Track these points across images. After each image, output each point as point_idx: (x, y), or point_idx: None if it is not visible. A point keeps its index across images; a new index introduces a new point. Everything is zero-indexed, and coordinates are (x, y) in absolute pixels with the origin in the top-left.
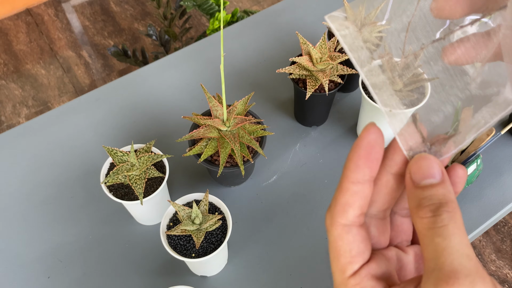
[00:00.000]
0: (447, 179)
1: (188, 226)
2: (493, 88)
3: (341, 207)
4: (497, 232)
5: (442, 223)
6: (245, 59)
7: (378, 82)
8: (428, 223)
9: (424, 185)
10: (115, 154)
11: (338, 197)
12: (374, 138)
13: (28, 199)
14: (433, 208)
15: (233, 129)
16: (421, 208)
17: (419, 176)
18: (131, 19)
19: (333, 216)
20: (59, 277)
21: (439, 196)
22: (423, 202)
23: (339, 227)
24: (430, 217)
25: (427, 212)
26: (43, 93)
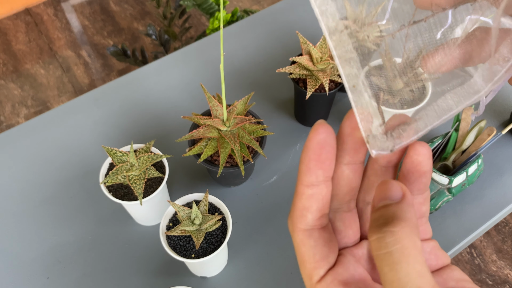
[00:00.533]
0: (407, 199)
1: (187, 227)
2: (461, 76)
3: (299, 212)
4: (498, 232)
5: (386, 248)
6: (245, 58)
7: (346, 54)
8: (374, 248)
9: (378, 207)
10: (115, 154)
11: (295, 201)
12: (324, 138)
13: (27, 199)
14: (377, 228)
15: (233, 129)
16: (369, 230)
17: (377, 199)
18: (131, 18)
19: (293, 221)
20: (58, 278)
21: (387, 214)
22: (372, 223)
23: (300, 233)
24: (375, 240)
25: (372, 234)
26: (43, 93)
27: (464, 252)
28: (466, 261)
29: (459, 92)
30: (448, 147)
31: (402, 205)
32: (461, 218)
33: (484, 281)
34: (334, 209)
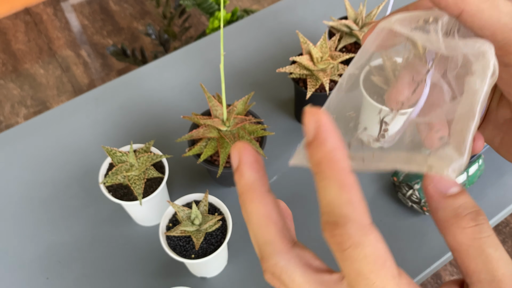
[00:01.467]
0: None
1: (187, 227)
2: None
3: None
4: (498, 232)
5: (487, 232)
6: (245, 58)
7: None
8: (474, 233)
9: (453, 194)
10: (114, 154)
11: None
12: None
13: (26, 199)
14: (473, 217)
15: (233, 129)
16: (461, 218)
17: (443, 186)
18: (130, 18)
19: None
20: (57, 278)
21: (471, 203)
22: (460, 211)
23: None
24: (474, 226)
25: (470, 221)
26: (42, 93)
27: None
28: None
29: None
30: None
31: (467, 194)
32: None
33: None
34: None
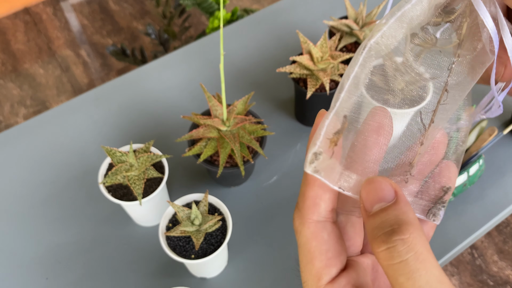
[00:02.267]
0: (401, 197)
1: (187, 227)
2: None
3: (311, 200)
4: (499, 233)
5: (399, 257)
6: (245, 58)
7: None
8: (385, 258)
9: (375, 212)
10: (114, 154)
11: (305, 191)
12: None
13: (25, 200)
14: (385, 238)
15: (233, 129)
16: (374, 240)
17: (368, 203)
18: (130, 18)
19: (303, 213)
20: (57, 278)
21: (391, 221)
22: (375, 232)
23: (312, 225)
24: (385, 250)
25: (380, 244)
26: (41, 93)
27: (465, 253)
28: (467, 262)
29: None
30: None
31: (400, 206)
32: (462, 219)
33: (485, 282)
34: (347, 211)
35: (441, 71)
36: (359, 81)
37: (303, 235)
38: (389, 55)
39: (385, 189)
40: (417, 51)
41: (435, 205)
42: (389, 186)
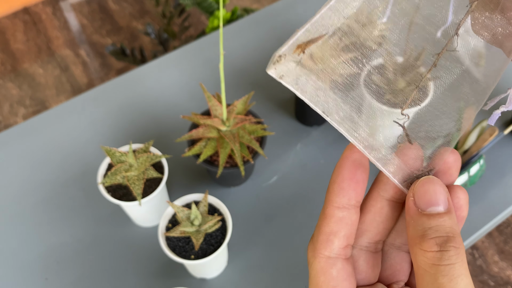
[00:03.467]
0: (453, 209)
1: (187, 228)
2: (466, 78)
3: (325, 236)
4: (500, 233)
5: (449, 260)
6: (245, 57)
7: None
8: (433, 259)
9: (430, 213)
10: (113, 154)
11: (322, 225)
12: (359, 158)
13: (24, 200)
14: (440, 242)
15: (233, 128)
16: (426, 240)
17: (424, 202)
18: (130, 17)
19: (316, 246)
20: (56, 279)
21: (446, 228)
22: (428, 233)
23: (323, 260)
24: (436, 252)
25: (433, 246)
26: (41, 93)
27: (466, 253)
28: (468, 262)
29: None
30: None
31: (453, 216)
32: None
33: (486, 282)
34: (360, 247)
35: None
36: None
37: (313, 268)
38: (390, 55)
39: (442, 194)
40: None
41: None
42: (445, 193)
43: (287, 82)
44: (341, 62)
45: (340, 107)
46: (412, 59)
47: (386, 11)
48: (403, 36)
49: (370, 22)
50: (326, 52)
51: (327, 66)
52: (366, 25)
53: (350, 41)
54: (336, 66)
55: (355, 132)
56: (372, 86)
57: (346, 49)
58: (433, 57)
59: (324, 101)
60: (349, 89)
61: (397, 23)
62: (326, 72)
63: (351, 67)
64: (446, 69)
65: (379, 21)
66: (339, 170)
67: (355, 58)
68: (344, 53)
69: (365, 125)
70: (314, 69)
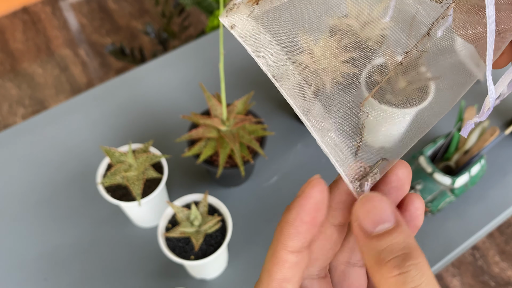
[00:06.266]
0: (402, 220)
1: (187, 228)
2: (465, 77)
3: (278, 283)
4: (501, 233)
5: (413, 282)
6: (245, 57)
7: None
8: (397, 283)
9: (379, 234)
10: (113, 154)
11: (273, 270)
12: (321, 198)
13: (24, 200)
14: (398, 263)
15: (232, 128)
16: (383, 265)
17: (369, 223)
18: (129, 17)
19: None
20: (56, 279)
21: (400, 245)
22: (383, 256)
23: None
24: (398, 276)
25: (392, 270)
26: (40, 92)
27: (466, 254)
28: (469, 263)
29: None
30: (451, 147)
31: (404, 228)
32: (463, 219)
33: (487, 282)
34: (312, 276)
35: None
36: None
37: None
38: (391, 54)
39: (387, 210)
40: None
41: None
42: (389, 206)
43: (237, 33)
44: (342, 61)
45: (294, 75)
46: (413, 59)
47: (388, 10)
48: (404, 35)
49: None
50: (327, 52)
51: (329, 64)
52: (367, 24)
53: (351, 41)
54: (337, 66)
55: (311, 111)
56: (373, 85)
57: (346, 48)
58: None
59: (273, 62)
60: (348, 88)
61: (398, 22)
62: (327, 70)
63: (352, 67)
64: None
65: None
66: (297, 211)
67: (356, 57)
68: (344, 52)
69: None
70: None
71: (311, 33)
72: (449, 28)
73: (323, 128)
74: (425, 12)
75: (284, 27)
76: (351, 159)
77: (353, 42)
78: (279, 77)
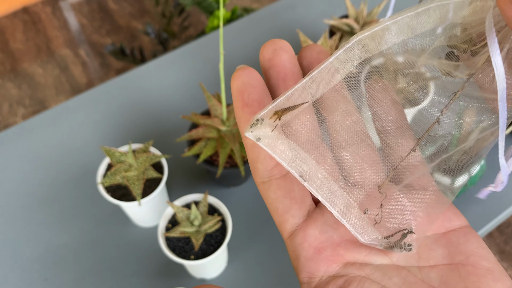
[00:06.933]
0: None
1: (187, 228)
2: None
3: (252, 165)
4: (500, 233)
5: None
6: (245, 57)
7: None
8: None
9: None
10: (113, 154)
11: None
12: (244, 81)
13: (24, 200)
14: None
15: (232, 128)
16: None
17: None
18: (129, 17)
19: (253, 176)
20: (56, 279)
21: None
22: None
23: (260, 186)
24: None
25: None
26: (40, 93)
27: None
28: None
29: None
30: (451, 147)
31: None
32: None
33: None
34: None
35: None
36: (334, 70)
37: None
38: (389, 54)
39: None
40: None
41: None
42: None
43: (264, 144)
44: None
45: (318, 171)
46: (412, 59)
47: (388, 10)
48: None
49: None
50: None
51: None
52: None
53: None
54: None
55: (335, 199)
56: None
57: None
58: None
59: (301, 165)
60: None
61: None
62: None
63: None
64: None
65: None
66: (233, 100)
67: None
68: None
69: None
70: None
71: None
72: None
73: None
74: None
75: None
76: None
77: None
78: (307, 176)
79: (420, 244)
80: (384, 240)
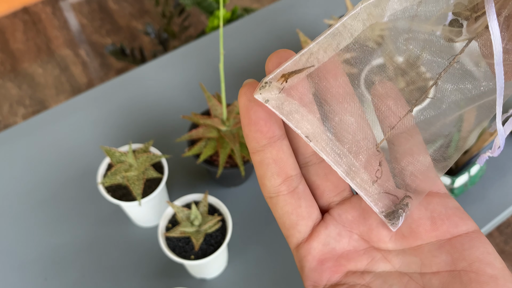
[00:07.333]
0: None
1: (187, 228)
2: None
3: (259, 181)
4: (500, 233)
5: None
6: (245, 57)
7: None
8: None
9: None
10: (113, 154)
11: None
12: (248, 99)
13: (24, 200)
14: None
15: (233, 128)
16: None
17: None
18: (129, 17)
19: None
20: (56, 279)
21: None
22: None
23: (268, 201)
24: None
25: None
26: (40, 92)
27: None
28: None
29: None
30: (450, 147)
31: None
32: None
33: None
34: (303, 165)
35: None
36: (340, 36)
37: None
38: (390, 54)
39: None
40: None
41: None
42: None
43: (271, 106)
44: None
45: (324, 132)
46: (412, 58)
47: (385, 12)
48: (404, 36)
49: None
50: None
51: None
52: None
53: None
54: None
55: (340, 159)
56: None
57: (346, 49)
58: (432, 57)
59: (306, 126)
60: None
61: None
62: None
63: (351, 67)
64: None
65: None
66: (241, 116)
67: (355, 58)
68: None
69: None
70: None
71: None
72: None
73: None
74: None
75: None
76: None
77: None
78: (312, 136)
79: (423, 250)
80: (385, 200)
